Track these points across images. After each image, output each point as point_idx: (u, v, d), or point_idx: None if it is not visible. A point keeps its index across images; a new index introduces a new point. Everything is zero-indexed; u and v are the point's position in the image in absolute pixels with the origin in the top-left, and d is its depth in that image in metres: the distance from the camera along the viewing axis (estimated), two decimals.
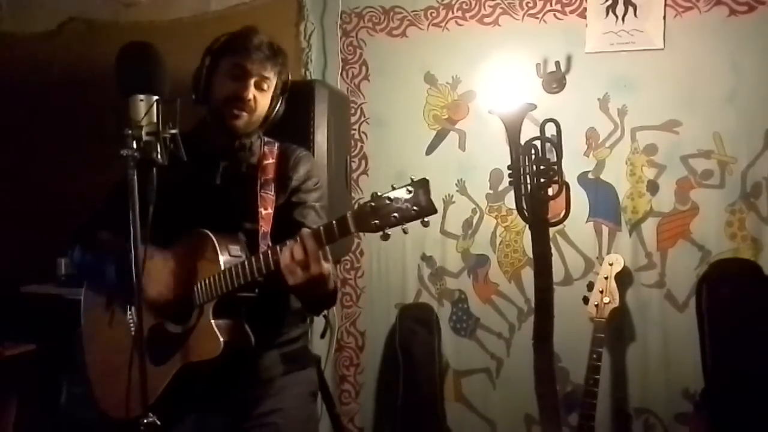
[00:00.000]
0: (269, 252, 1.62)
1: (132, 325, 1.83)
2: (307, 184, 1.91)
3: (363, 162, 3.22)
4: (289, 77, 1.94)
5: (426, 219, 1.44)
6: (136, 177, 1.51)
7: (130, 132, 1.52)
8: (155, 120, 1.54)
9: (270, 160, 1.90)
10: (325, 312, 1.99)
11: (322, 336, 2.88)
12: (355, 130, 3.20)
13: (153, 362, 1.75)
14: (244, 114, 1.83)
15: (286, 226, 1.79)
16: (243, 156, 1.90)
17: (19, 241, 3.33)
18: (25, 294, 3.16)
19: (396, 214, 1.43)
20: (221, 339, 1.67)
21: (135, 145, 1.51)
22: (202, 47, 1.95)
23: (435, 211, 1.43)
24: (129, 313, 1.86)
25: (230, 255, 1.72)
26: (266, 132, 1.96)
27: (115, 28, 3.42)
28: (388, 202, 1.44)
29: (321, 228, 1.54)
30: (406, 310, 3.18)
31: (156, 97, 1.55)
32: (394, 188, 1.45)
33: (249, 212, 1.82)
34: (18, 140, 3.50)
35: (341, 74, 3.24)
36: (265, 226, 1.81)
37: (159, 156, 1.53)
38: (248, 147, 1.91)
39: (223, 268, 1.69)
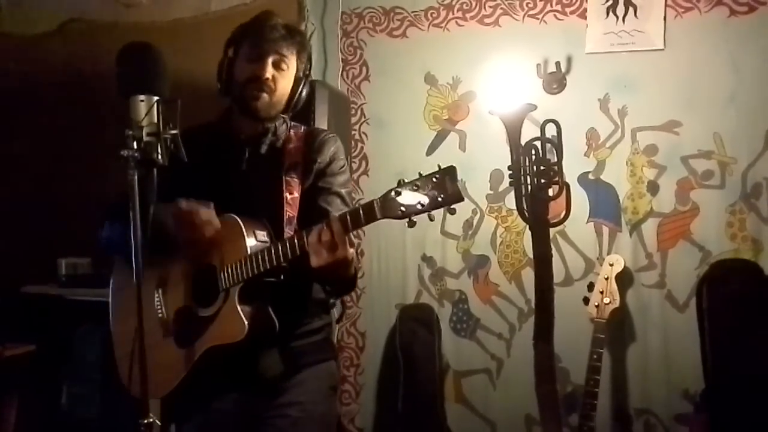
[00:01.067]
0: (295, 237, 1.64)
1: (159, 309, 1.84)
2: (332, 167, 1.90)
3: (363, 162, 3.22)
4: (311, 58, 1.95)
5: (453, 207, 1.45)
6: (136, 177, 1.51)
7: (130, 132, 1.52)
8: (156, 120, 1.54)
9: (294, 144, 1.90)
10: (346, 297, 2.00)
11: (338, 321, 2.90)
12: (355, 130, 3.20)
13: (178, 344, 1.78)
14: (264, 95, 1.83)
15: (312, 211, 1.80)
16: (268, 140, 1.91)
17: (20, 242, 3.33)
18: (25, 294, 3.16)
19: (422, 201, 1.44)
20: (246, 322, 1.68)
21: (135, 146, 1.51)
22: (203, 47, 1.97)
23: (461, 199, 1.44)
24: (156, 294, 1.86)
25: (257, 240, 1.73)
26: (294, 117, 1.98)
27: (115, 28, 3.42)
28: (415, 188, 1.45)
29: (347, 213, 1.56)
30: (406, 311, 3.18)
31: (156, 98, 1.55)
32: (420, 175, 1.46)
33: (275, 197, 1.83)
34: (18, 141, 3.50)
35: (341, 75, 3.24)
36: (290, 211, 1.81)
37: (159, 157, 1.53)
38: (273, 131, 1.91)
39: (249, 252, 1.70)
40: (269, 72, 1.83)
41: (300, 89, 1.90)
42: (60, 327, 3.06)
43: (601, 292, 2.74)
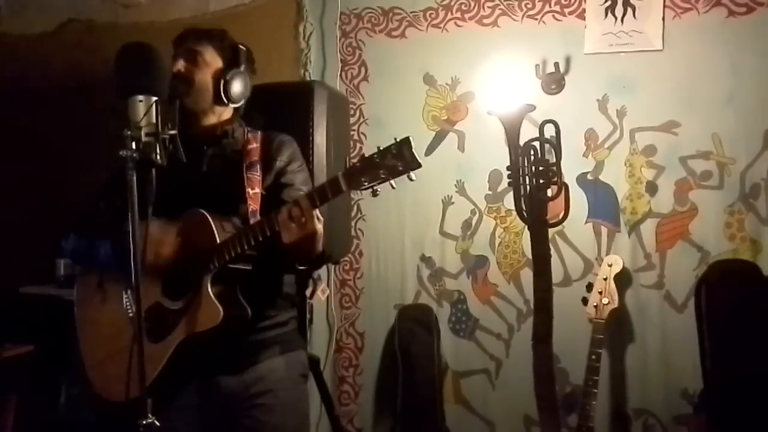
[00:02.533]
0: (265, 219, 1.71)
1: (129, 308, 1.89)
2: (292, 165, 2.00)
3: None
4: (237, 50, 2.01)
5: (412, 174, 1.56)
6: (135, 178, 1.51)
7: (129, 133, 1.52)
8: (154, 121, 1.55)
9: (254, 145, 1.99)
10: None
11: (310, 298, 2.96)
12: (354, 131, 3.20)
13: (151, 340, 1.81)
14: (181, 86, 1.92)
15: (275, 206, 1.84)
16: (227, 143, 2.00)
17: (18, 242, 3.33)
18: (23, 295, 3.16)
19: (384, 171, 1.55)
20: (220, 307, 1.74)
21: (134, 146, 1.52)
22: None
23: (419, 165, 1.55)
24: (125, 296, 1.91)
25: (224, 231, 1.80)
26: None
27: (114, 29, 3.42)
28: (376, 160, 1.55)
29: (314, 189, 1.66)
30: (405, 311, 3.18)
31: (155, 98, 1.56)
32: (379, 148, 1.56)
33: (237, 194, 1.90)
34: (17, 141, 3.50)
35: (340, 75, 3.24)
36: (253, 205, 1.89)
37: (158, 157, 1.54)
38: (231, 134, 2.00)
39: (218, 240, 1.77)
40: (180, 65, 1.94)
41: (224, 80, 1.95)
42: (58, 328, 3.05)
43: (600, 293, 2.74)
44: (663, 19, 2.88)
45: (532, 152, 2.65)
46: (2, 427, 3.02)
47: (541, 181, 2.61)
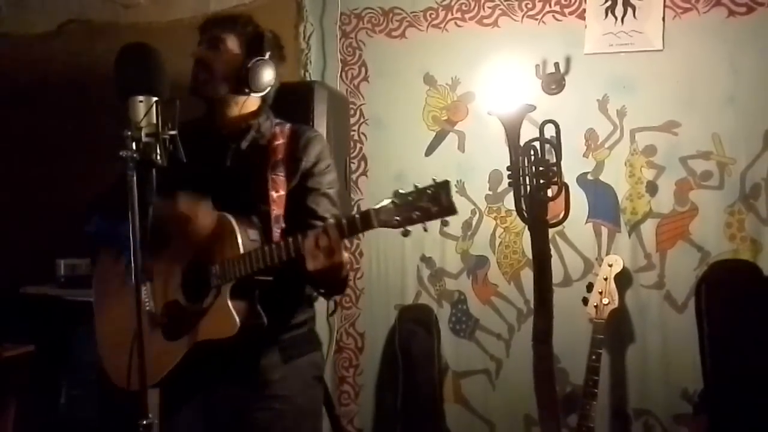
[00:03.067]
0: (291, 239, 1.67)
1: (147, 299, 1.85)
2: (318, 166, 1.92)
3: (362, 163, 3.22)
4: (262, 34, 1.95)
5: (446, 219, 1.54)
6: (135, 178, 1.51)
7: (129, 133, 1.52)
8: (154, 121, 1.55)
9: (280, 141, 1.92)
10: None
11: (331, 314, 2.94)
12: (354, 131, 3.20)
13: (166, 337, 1.81)
14: (200, 74, 1.90)
15: (299, 210, 1.84)
16: (252, 137, 1.93)
17: (19, 242, 3.33)
18: (24, 295, 3.16)
19: (418, 213, 1.52)
20: (237, 320, 1.72)
21: (134, 147, 1.52)
22: None
23: (455, 212, 1.52)
24: (144, 287, 1.86)
25: (249, 239, 1.77)
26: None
27: (114, 29, 3.42)
28: (410, 200, 1.52)
29: (344, 221, 1.60)
30: (405, 312, 3.18)
31: (155, 98, 1.56)
32: (416, 187, 1.53)
33: (260, 195, 1.85)
34: (18, 141, 3.50)
35: (340, 75, 3.24)
36: (277, 209, 1.84)
37: (158, 157, 1.54)
38: (256, 127, 1.93)
39: (242, 251, 1.73)
40: (200, 53, 1.91)
41: (245, 62, 1.90)
42: (59, 328, 3.06)
43: (600, 293, 2.74)
44: (663, 19, 2.88)
45: (532, 152, 2.64)
46: (3, 428, 3.02)
47: (542, 181, 2.61)
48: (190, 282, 1.83)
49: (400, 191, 1.53)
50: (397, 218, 1.53)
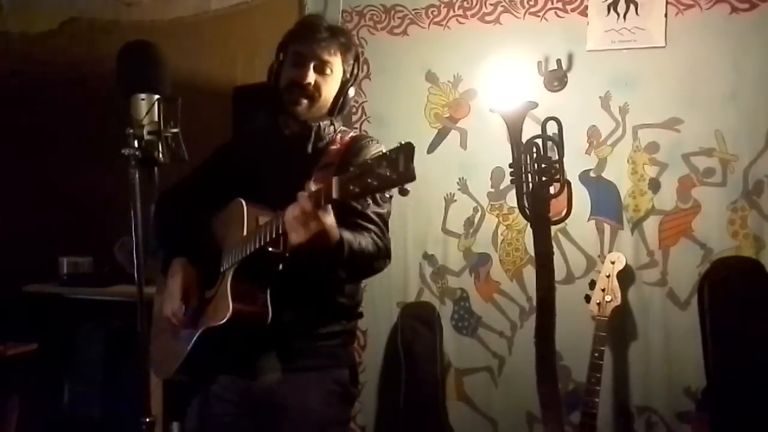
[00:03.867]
0: (273, 218, 1.60)
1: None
2: None
3: None
4: (359, 59, 1.93)
5: (406, 187, 1.37)
6: (138, 176, 1.51)
7: (131, 131, 1.52)
8: (157, 119, 1.55)
9: (337, 146, 1.88)
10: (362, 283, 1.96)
11: None
12: (356, 128, 3.20)
13: (186, 327, 1.79)
14: (304, 100, 1.84)
15: (344, 209, 1.69)
16: (312, 140, 1.89)
17: (21, 241, 3.33)
18: (26, 293, 3.17)
19: (375, 180, 1.37)
20: (230, 305, 1.65)
21: (136, 144, 1.52)
22: (203, 46, 1.98)
23: (413, 178, 1.36)
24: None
25: (257, 224, 1.69)
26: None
27: (116, 27, 3.42)
28: (369, 166, 1.38)
29: (311, 192, 1.51)
30: (407, 309, 3.18)
31: (157, 96, 1.56)
32: (381, 153, 1.41)
33: (299, 189, 1.76)
34: (20, 139, 3.50)
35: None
36: None
37: (160, 155, 1.54)
38: (317, 132, 1.89)
39: (245, 233, 1.70)
40: (310, 77, 1.83)
41: (345, 91, 1.89)
42: (61, 326, 3.07)
43: (603, 290, 2.73)
44: (665, 15, 2.87)
45: (534, 150, 2.64)
46: (6, 426, 3.02)
47: (544, 178, 2.60)
48: (209, 270, 1.81)
49: (365, 159, 1.45)
50: (354, 188, 1.39)
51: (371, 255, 1.74)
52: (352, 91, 1.93)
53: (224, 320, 1.65)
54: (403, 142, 1.39)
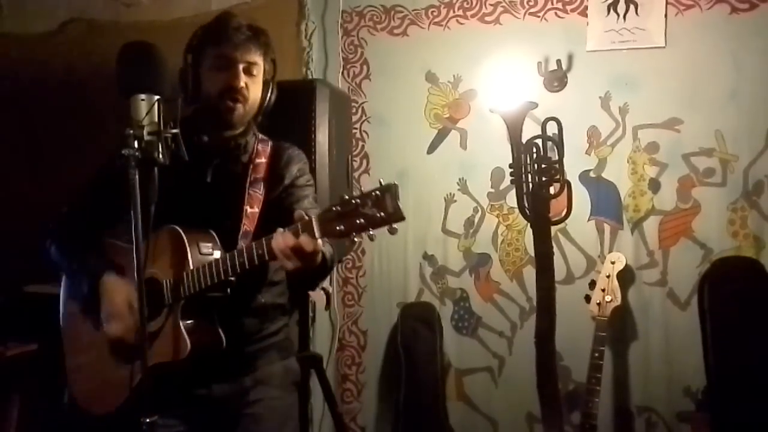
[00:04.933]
0: (255, 245, 1.57)
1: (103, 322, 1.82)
2: (299, 180, 1.89)
3: (364, 161, 3.21)
4: (275, 58, 1.89)
5: (394, 225, 1.38)
6: (137, 177, 1.51)
7: (131, 132, 1.52)
8: (156, 119, 1.54)
9: (262, 159, 1.87)
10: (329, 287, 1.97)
11: (327, 308, 2.89)
12: (356, 129, 3.20)
13: (125, 360, 1.73)
14: (239, 105, 1.79)
15: (275, 221, 1.68)
16: (236, 154, 1.86)
17: (21, 241, 3.32)
18: (27, 293, 3.16)
19: (361, 220, 1.37)
20: (188, 341, 1.64)
21: (136, 145, 1.52)
22: None
23: (402, 218, 1.37)
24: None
25: (200, 253, 1.68)
26: (261, 127, 1.94)
27: (115, 27, 3.42)
28: (353, 206, 1.38)
29: (290, 228, 1.49)
30: (407, 309, 3.18)
31: (157, 97, 1.55)
32: (361, 192, 1.40)
33: (235, 210, 1.80)
34: (19, 140, 3.50)
35: (342, 73, 3.23)
36: (248, 225, 1.78)
37: (160, 156, 1.53)
38: (243, 146, 1.87)
39: (192, 266, 1.66)
40: (243, 80, 1.78)
41: (269, 94, 1.86)
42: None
43: (603, 290, 2.73)
44: (665, 16, 2.87)
45: (534, 150, 2.64)
46: (6, 426, 3.02)
47: (544, 178, 2.61)
48: (148, 301, 1.72)
49: (345, 197, 1.40)
50: (340, 227, 1.39)
51: (333, 260, 1.77)
52: (274, 94, 1.88)
53: (182, 357, 1.64)
54: (383, 182, 1.38)
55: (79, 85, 3.36)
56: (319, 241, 1.48)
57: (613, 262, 2.77)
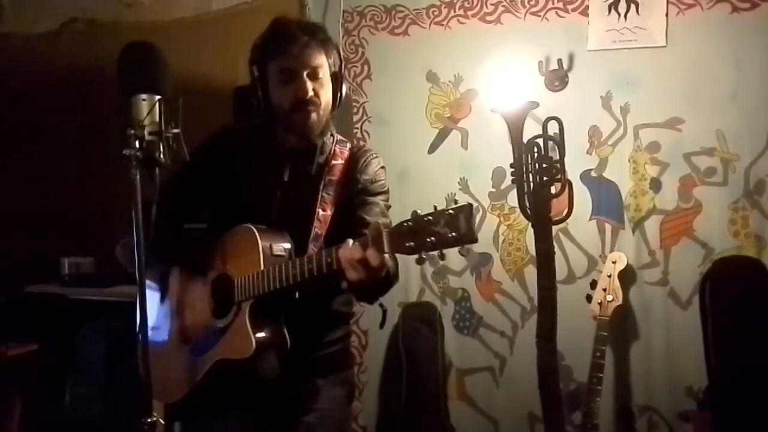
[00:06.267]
0: (324, 254, 1.58)
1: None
2: (373, 186, 1.86)
3: None
4: (338, 48, 1.87)
5: (466, 247, 1.38)
6: (139, 176, 1.51)
7: (132, 132, 1.52)
8: (158, 119, 1.55)
9: (339, 161, 1.86)
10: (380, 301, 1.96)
11: (381, 326, 2.90)
12: (357, 128, 3.20)
13: (193, 353, 1.79)
14: (313, 114, 1.78)
15: (346, 226, 1.74)
16: (313, 154, 1.85)
17: (23, 241, 3.33)
18: (28, 294, 3.17)
19: (432, 238, 1.36)
20: (253, 340, 1.66)
21: (137, 145, 1.52)
22: (204, 46, 1.94)
23: (475, 240, 1.36)
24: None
25: (272, 253, 1.69)
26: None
27: (117, 27, 3.42)
28: (425, 223, 1.37)
29: (360, 240, 1.49)
30: (409, 309, 3.17)
31: (158, 97, 1.56)
32: (435, 209, 1.39)
33: (307, 212, 1.79)
34: (21, 140, 3.50)
35: (343, 73, 3.23)
36: (319, 228, 1.78)
37: (161, 156, 1.54)
38: (320, 147, 1.86)
39: (262, 267, 1.67)
40: (311, 90, 1.77)
41: (339, 86, 1.85)
42: (63, 326, 3.07)
43: (604, 290, 2.73)
44: (666, 15, 2.87)
45: (535, 149, 2.64)
46: (7, 426, 3.03)
47: (545, 178, 2.61)
48: (219, 297, 1.78)
49: (418, 212, 1.39)
50: (410, 244, 1.38)
51: (396, 275, 1.76)
52: (344, 84, 1.87)
53: (247, 356, 1.66)
54: (459, 203, 1.37)
55: (80, 85, 3.36)
56: (386, 255, 1.48)
57: (614, 262, 2.77)
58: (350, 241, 1.51)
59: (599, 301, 2.73)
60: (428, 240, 1.36)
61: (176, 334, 1.86)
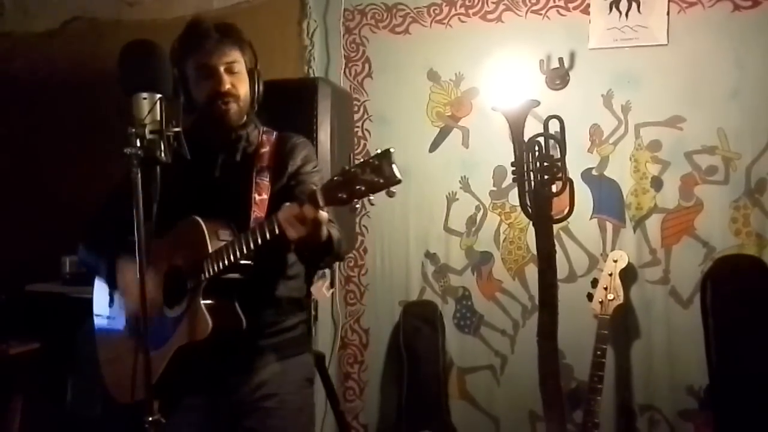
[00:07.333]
0: (261, 224, 1.65)
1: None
2: (305, 167, 1.93)
3: None
4: (251, 46, 1.94)
5: (392, 189, 1.47)
6: (140, 175, 1.52)
7: (133, 130, 1.52)
8: (158, 118, 1.55)
9: (266, 148, 1.93)
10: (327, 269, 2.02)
11: (330, 290, 2.93)
12: (358, 127, 3.20)
13: (152, 347, 1.77)
14: (232, 105, 1.86)
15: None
16: (240, 146, 1.93)
17: (24, 240, 3.34)
18: (29, 292, 3.17)
19: (361, 186, 1.46)
20: (209, 320, 1.72)
21: (138, 144, 1.52)
22: None
23: (398, 181, 1.46)
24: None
25: (218, 239, 1.76)
26: (266, 123, 2.00)
27: (118, 26, 3.42)
28: (353, 174, 1.47)
29: (296, 200, 1.58)
30: (410, 308, 3.18)
31: (159, 96, 1.56)
32: (360, 161, 1.49)
33: (244, 198, 1.85)
34: (22, 139, 3.51)
35: (344, 72, 3.23)
36: (258, 211, 1.84)
37: (162, 154, 1.54)
38: (245, 137, 1.94)
39: (210, 250, 1.73)
40: (227, 83, 1.85)
41: (256, 83, 1.91)
42: (64, 325, 3.06)
43: (605, 289, 2.73)
44: (668, 13, 2.86)
45: (536, 148, 2.64)
46: (9, 425, 3.03)
47: (546, 176, 2.61)
48: (170, 289, 1.83)
49: (345, 167, 1.50)
50: (342, 195, 1.48)
51: (340, 243, 1.83)
52: (261, 81, 1.93)
53: (205, 336, 1.71)
54: (379, 150, 1.48)
55: (81, 83, 3.36)
56: (323, 213, 1.57)
57: (615, 260, 2.77)
58: (287, 204, 1.59)
59: (600, 299, 2.73)
60: (357, 188, 1.47)
61: (132, 332, 1.88)
